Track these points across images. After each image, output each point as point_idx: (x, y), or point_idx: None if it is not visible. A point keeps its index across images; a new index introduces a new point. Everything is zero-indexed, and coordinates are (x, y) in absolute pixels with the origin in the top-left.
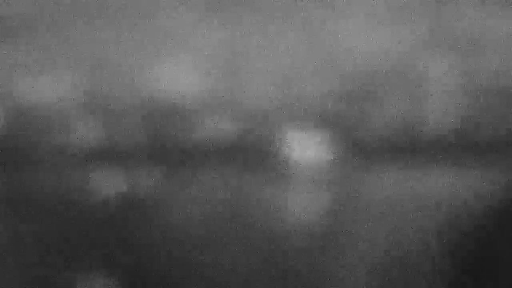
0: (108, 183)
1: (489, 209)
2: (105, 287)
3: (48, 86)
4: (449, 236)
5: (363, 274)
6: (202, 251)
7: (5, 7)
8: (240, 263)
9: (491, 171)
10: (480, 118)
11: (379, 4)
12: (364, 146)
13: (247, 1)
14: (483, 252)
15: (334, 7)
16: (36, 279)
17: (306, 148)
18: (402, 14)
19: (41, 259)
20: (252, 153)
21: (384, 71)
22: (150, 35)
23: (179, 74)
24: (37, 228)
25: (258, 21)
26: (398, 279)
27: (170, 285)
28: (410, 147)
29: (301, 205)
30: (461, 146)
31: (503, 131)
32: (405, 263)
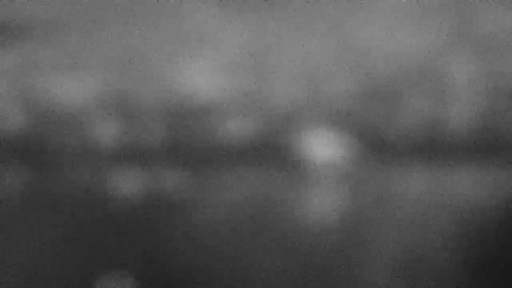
0: (135, 181)
1: (509, 207)
2: (127, 281)
3: (73, 88)
4: (471, 233)
5: (384, 267)
6: (224, 247)
7: (35, 11)
8: (263, 257)
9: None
10: (502, 118)
11: (402, 8)
12: (387, 145)
13: (271, 5)
14: (503, 247)
15: (358, 10)
16: (59, 272)
17: (329, 148)
18: (425, 17)
19: (65, 254)
20: (275, 152)
21: (407, 72)
22: (175, 39)
23: (203, 76)
24: (62, 224)
25: (282, 24)
26: (419, 272)
27: (193, 278)
28: (433, 147)
29: (324, 203)
30: (483, 145)
31: None
32: (426, 258)
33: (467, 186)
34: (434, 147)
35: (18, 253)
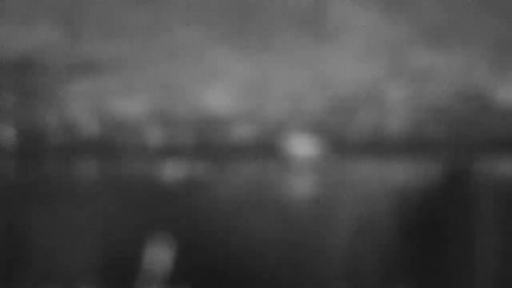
0: (174, 169)
1: (432, 189)
2: (169, 238)
3: (131, 105)
4: (403, 205)
5: (342, 225)
6: (235, 213)
7: (106, 53)
8: (260, 219)
9: (433, 163)
10: (426, 127)
11: (357, 49)
12: (345, 146)
13: (267, 48)
14: (426, 215)
15: (327, 51)
16: (122, 231)
17: (306, 147)
18: (372, 55)
19: (126, 219)
20: (269, 149)
21: (360, 94)
22: (200, 72)
23: (219, 98)
24: (123, 199)
25: (273, 59)
26: (367, 229)
27: (214, 233)
28: (377, 147)
29: (302, 186)
30: (412, 146)
31: (442, 136)
32: (372, 220)
33: (401, 173)
34: (378, 147)
35: (94, 218)
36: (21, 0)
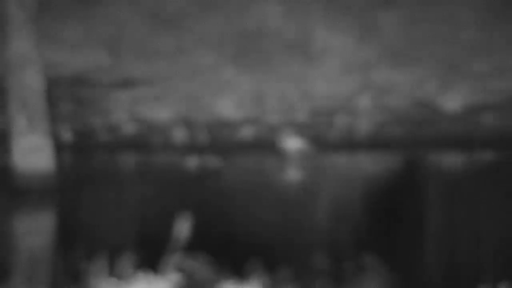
0: (192, 161)
1: (392, 177)
2: (188, 217)
3: (160, 111)
4: (370, 194)
5: (323, 206)
6: (240, 194)
7: (140, 72)
8: (260, 199)
9: (393, 157)
10: (388, 128)
11: (334, 68)
12: (326, 143)
13: (265, 65)
14: (389, 199)
15: (311, 68)
16: (150, 216)
17: (295, 145)
18: (346, 72)
19: (155, 201)
20: (266, 147)
21: (337, 103)
22: (211, 88)
23: (227, 107)
24: (154, 185)
25: (270, 76)
26: (343, 207)
27: (225, 211)
28: (349, 145)
29: (293, 173)
30: (377, 145)
31: (400, 136)
32: (345, 202)
33: (368, 164)
34: (350, 144)
35: (132, 200)
36: (74, 30)
